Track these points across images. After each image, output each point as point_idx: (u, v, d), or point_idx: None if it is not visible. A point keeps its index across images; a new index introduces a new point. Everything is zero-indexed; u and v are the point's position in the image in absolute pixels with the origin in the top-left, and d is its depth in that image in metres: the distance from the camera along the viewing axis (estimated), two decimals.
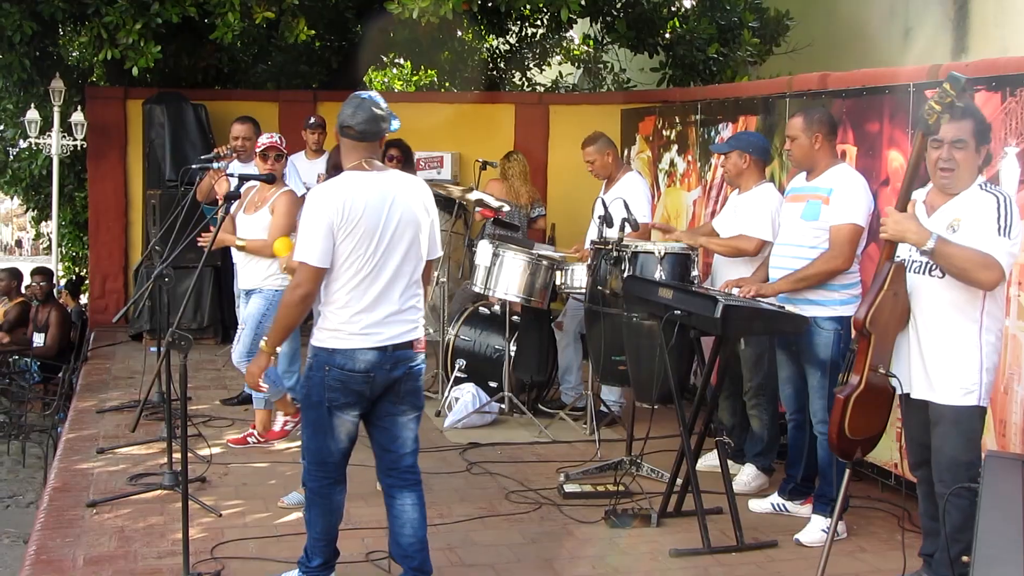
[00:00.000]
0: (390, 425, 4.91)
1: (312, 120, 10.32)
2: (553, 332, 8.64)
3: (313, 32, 11.66)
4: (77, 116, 13.45)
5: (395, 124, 4.93)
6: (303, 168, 9.48)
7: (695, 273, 7.04)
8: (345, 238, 4.67)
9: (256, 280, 7.52)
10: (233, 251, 7.61)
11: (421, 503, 4.98)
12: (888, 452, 6.45)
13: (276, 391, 7.33)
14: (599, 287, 7.13)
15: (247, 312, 7.55)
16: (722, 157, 7.10)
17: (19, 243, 61.46)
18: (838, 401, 4.91)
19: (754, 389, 6.74)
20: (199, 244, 7.17)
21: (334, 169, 6.30)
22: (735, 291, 6.23)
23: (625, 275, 6.83)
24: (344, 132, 4.83)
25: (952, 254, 4.61)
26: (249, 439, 7.67)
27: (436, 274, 8.42)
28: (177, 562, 5.32)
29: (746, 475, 6.83)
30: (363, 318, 4.71)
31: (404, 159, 9.45)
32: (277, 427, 7.68)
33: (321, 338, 4.80)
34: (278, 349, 5.00)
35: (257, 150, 7.55)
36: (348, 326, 4.72)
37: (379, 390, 4.79)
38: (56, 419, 9.95)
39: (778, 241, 6.35)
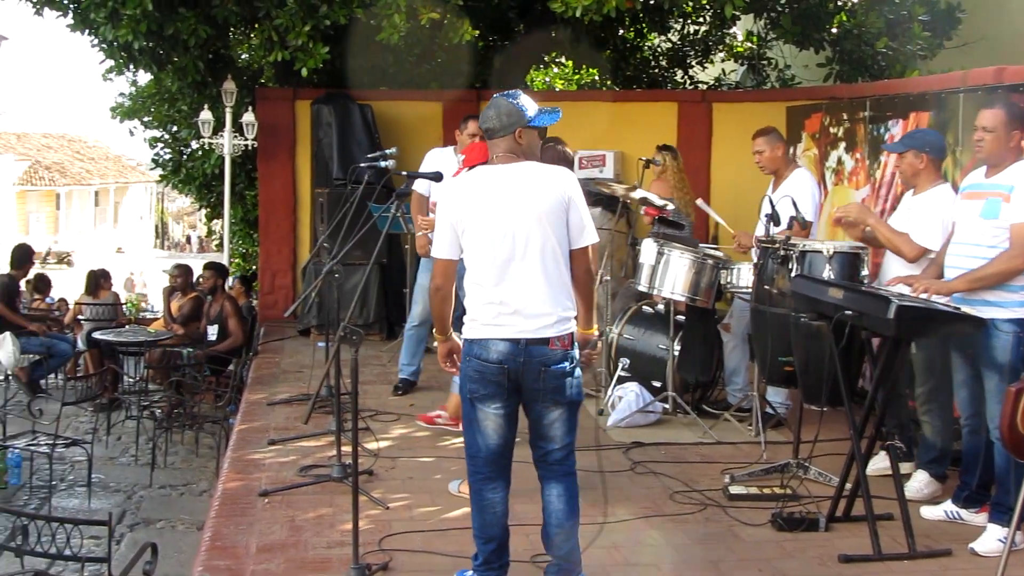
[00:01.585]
0: (536, 420, 4.93)
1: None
2: (718, 331, 8.55)
3: (477, 32, 11.75)
4: (248, 116, 13.77)
5: (552, 117, 5.00)
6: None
7: (865, 272, 6.90)
8: (466, 230, 4.82)
9: None
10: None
11: (569, 495, 4.96)
12: None
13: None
14: (766, 286, 7.05)
15: None
16: (896, 156, 6.90)
17: (188, 240, 63.46)
18: (1009, 393, 4.75)
19: (926, 393, 6.54)
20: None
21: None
22: (905, 289, 6.07)
23: (793, 274, 6.73)
24: (484, 133, 5.03)
25: None
26: (437, 420, 7.82)
27: (600, 268, 8.41)
28: (345, 552, 5.41)
29: (918, 481, 6.64)
30: (493, 308, 4.79)
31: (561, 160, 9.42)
32: None
33: (466, 329, 4.92)
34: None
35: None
36: (481, 316, 4.83)
37: (518, 383, 4.81)
38: (228, 411, 10.21)
39: (954, 240, 6.15)
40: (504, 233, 4.76)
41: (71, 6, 12.64)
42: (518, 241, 4.76)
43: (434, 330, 5.23)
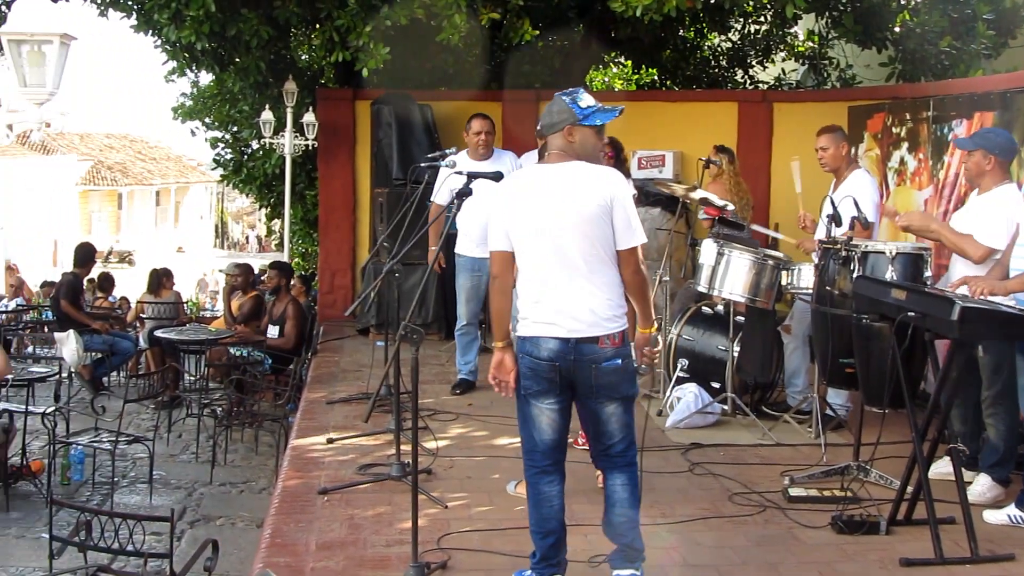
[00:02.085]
0: (593, 417, 4.95)
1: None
2: (778, 333, 8.49)
3: (536, 32, 11.75)
4: (309, 117, 13.86)
5: (595, 115, 4.93)
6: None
7: (928, 274, 6.82)
8: (513, 227, 4.84)
9: None
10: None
11: (632, 484, 4.98)
12: None
13: None
14: (827, 287, 6.99)
15: None
16: (963, 153, 6.82)
17: (248, 239, 63.97)
18: None
19: (992, 397, 6.45)
20: None
21: None
22: (963, 290, 6.00)
23: (855, 275, 6.67)
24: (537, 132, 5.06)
25: None
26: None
27: (660, 269, 8.39)
28: (404, 551, 5.44)
29: (981, 485, 6.55)
30: (541, 307, 4.81)
31: (615, 156, 9.38)
32: None
33: (518, 327, 4.94)
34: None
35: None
36: (531, 314, 4.85)
37: (570, 380, 4.82)
38: (287, 409, 10.28)
39: (1019, 241, 6.08)
40: (545, 234, 4.77)
41: (135, 7, 12.78)
42: (559, 242, 4.76)
43: (493, 333, 5.17)
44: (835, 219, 7.08)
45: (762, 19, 16.32)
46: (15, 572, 7.47)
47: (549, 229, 4.76)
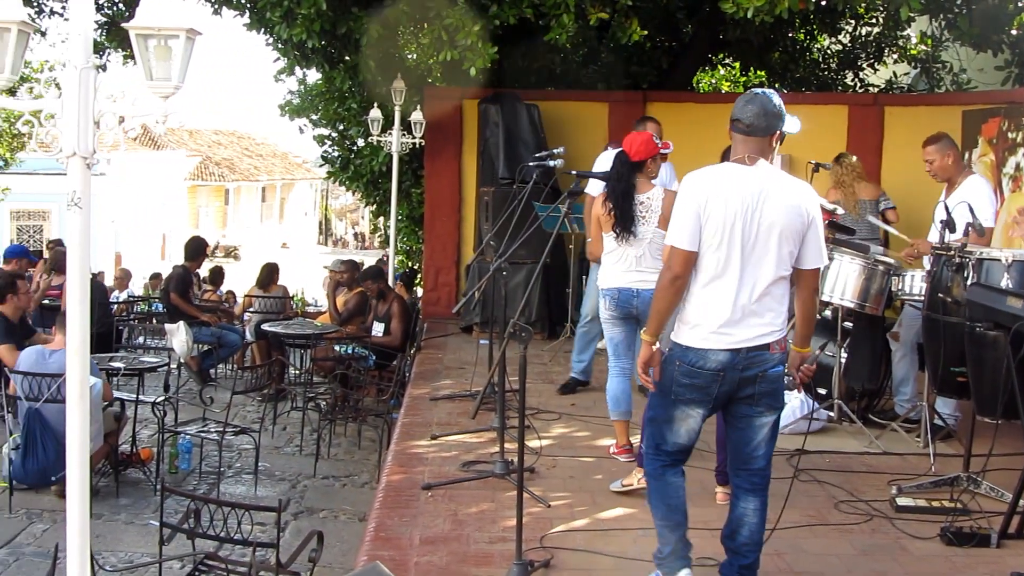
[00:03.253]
0: (745, 426, 4.86)
1: (643, 118, 10.33)
2: (887, 340, 8.36)
3: (645, 32, 11.71)
4: (416, 115, 13.96)
5: (792, 126, 4.87)
6: None
7: None
8: (706, 227, 4.66)
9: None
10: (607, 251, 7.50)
11: (764, 507, 4.93)
12: None
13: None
14: (939, 294, 6.86)
15: None
16: None
17: (357, 236, 64.69)
18: None
19: None
20: None
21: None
22: None
23: (969, 283, 6.54)
24: (733, 125, 4.79)
25: None
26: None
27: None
28: (507, 548, 5.46)
29: None
30: (717, 316, 4.67)
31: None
32: None
33: (678, 332, 4.81)
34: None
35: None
36: (703, 322, 4.70)
37: (731, 389, 4.72)
38: (390, 405, 10.35)
39: None
40: (742, 237, 4.63)
41: (248, 6, 13.00)
42: (755, 249, 4.65)
43: (644, 330, 4.99)
44: (949, 225, 6.95)
45: (874, 21, 16.09)
46: (124, 557, 7.61)
47: (751, 234, 4.63)
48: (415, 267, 19.05)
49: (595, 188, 8.41)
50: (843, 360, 8.21)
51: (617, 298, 7.07)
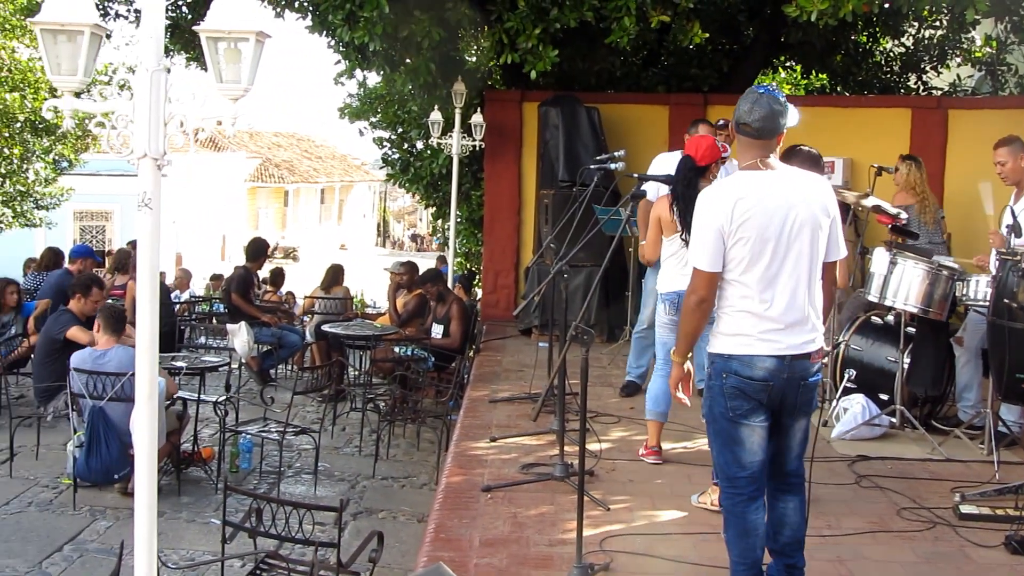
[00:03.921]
0: (782, 434, 4.80)
1: (721, 121, 10.27)
2: (950, 345, 8.28)
3: (707, 35, 11.67)
4: (476, 118, 13.99)
5: (794, 119, 4.75)
6: None
7: None
8: (736, 241, 4.59)
9: None
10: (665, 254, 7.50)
11: (802, 505, 4.89)
12: None
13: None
14: (1004, 300, 6.79)
15: None
16: None
17: (414, 238, 64.98)
18: None
19: None
20: None
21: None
22: None
23: None
24: (740, 129, 4.71)
25: None
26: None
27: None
28: (567, 551, 5.47)
29: None
30: (761, 323, 4.62)
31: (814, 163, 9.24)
32: None
33: (717, 344, 4.74)
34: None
35: None
36: (747, 331, 4.64)
37: (777, 399, 4.66)
38: (448, 407, 10.39)
39: None
40: (778, 243, 4.60)
41: (310, 8, 13.08)
42: (791, 252, 4.62)
43: (673, 350, 5.02)
44: (1015, 230, 6.88)
45: (937, 23, 15.93)
46: (186, 554, 7.68)
47: (784, 239, 4.60)
48: (474, 269, 19.08)
49: (652, 192, 8.39)
50: (906, 366, 8.14)
51: (676, 302, 7.05)
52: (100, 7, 15.27)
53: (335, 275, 14.94)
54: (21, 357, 11.35)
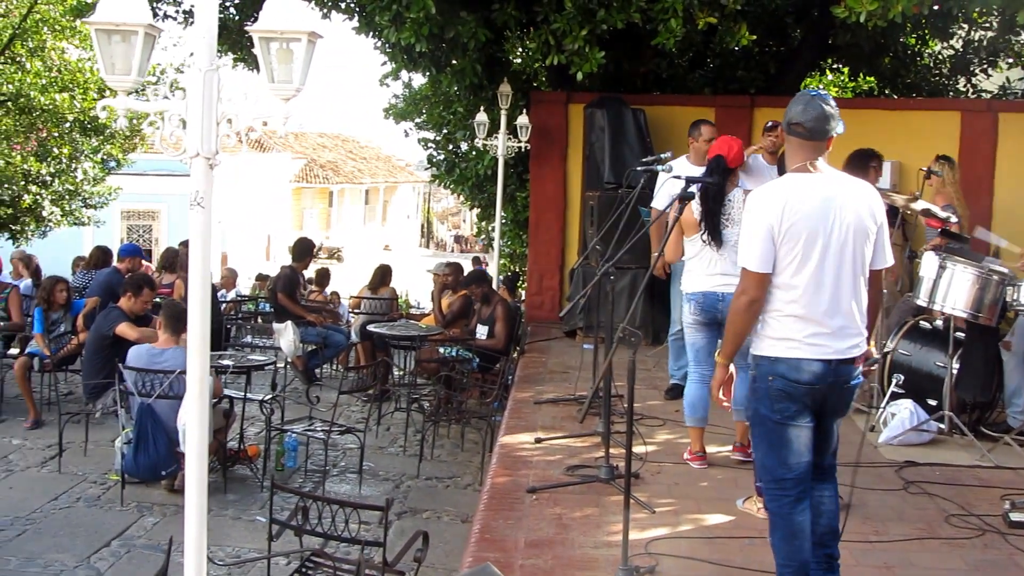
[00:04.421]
0: (820, 436, 4.81)
1: (770, 124, 10.22)
2: (1000, 351, 8.20)
3: (754, 37, 11.63)
4: (522, 119, 13.98)
5: (840, 126, 4.76)
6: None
7: None
8: (785, 242, 4.60)
9: None
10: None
11: (837, 492, 4.92)
12: None
13: (737, 411, 6.97)
14: None
15: None
16: None
17: (457, 239, 65.13)
18: None
19: None
20: None
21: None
22: None
23: None
24: (792, 130, 4.72)
25: None
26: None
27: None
28: (612, 553, 5.46)
29: None
30: (808, 327, 4.63)
31: (879, 167, 9.19)
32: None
33: (763, 346, 4.74)
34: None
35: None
36: (795, 334, 4.64)
37: (820, 402, 4.68)
38: (493, 407, 10.39)
39: None
40: (826, 246, 4.61)
41: (357, 9, 13.14)
42: (838, 256, 4.63)
43: (718, 352, 5.03)
44: None
45: (987, 25, 15.77)
46: (232, 552, 7.73)
47: (835, 243, 4.62)
48: (518, 271, 19.09)
49: (662, 200, 8.40)
50: (954, 371, 8.07)
51: (702, 302, 7.10)
52: (149, 8, 15.36)
53: (383, 275, 14.99)
54: (70, 354, 11.45)
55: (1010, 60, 16.42)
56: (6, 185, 21.22)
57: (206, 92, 4.21)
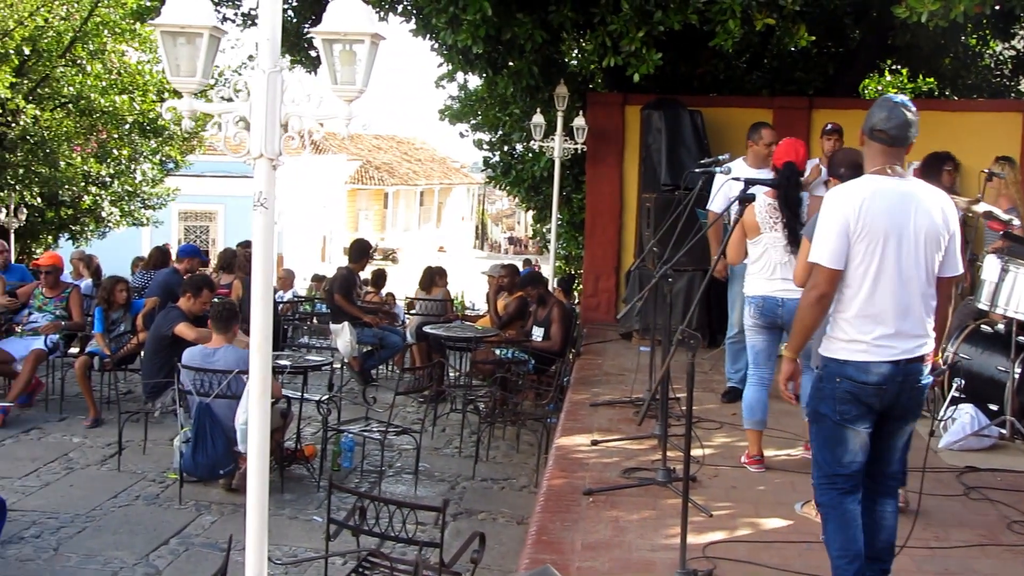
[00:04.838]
0: (888, 437, 4.82)
1: (829, 126, 10.17)
2: None
3: (812, 38, 11.55)
4: (578, 121, 13.97)
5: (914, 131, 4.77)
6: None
7: None
8: (859, 241, 4.62)
9: None
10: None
11: (896, 510, 4.92)
12: None
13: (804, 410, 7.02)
14: None
15: None
16: None
17: (512, 240, 65.20)
18: None
19: None
20: None
21: (850, 168, 6.15)
22: None
23: None
24: (874, 135, 4.73)
25: None
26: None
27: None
28: (669, 556, 5.44)
29: None
30: (877, 329, 4.64)
31: (953, 170, 9.10)
32: None
33: (833, 348, 4.75)
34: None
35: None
36: (863, 336, 4.65)
37: (888, 403, 4.68)
38: (548, 409, 10.39)
39: None
40: (899, 248, 4.62)
41: (414, 12, 13.19)
42: (915, 260, 4.64)
43: (786, 346, 5.06)
44: None
45: None
46: (288, 551, 7.77)
47: (908, 246, 4.62)
48: (573, 272, 19.07)
49: (719, 203, 8.37)
50: (1017, 375, 7.97)
51: (762, 306, 7.11)
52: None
53: (431, 277, 15.01)
54: (130, 353, 11.57)
55: None
56: (67, 186, 21.52)
57: (269, 93, 4.25)
